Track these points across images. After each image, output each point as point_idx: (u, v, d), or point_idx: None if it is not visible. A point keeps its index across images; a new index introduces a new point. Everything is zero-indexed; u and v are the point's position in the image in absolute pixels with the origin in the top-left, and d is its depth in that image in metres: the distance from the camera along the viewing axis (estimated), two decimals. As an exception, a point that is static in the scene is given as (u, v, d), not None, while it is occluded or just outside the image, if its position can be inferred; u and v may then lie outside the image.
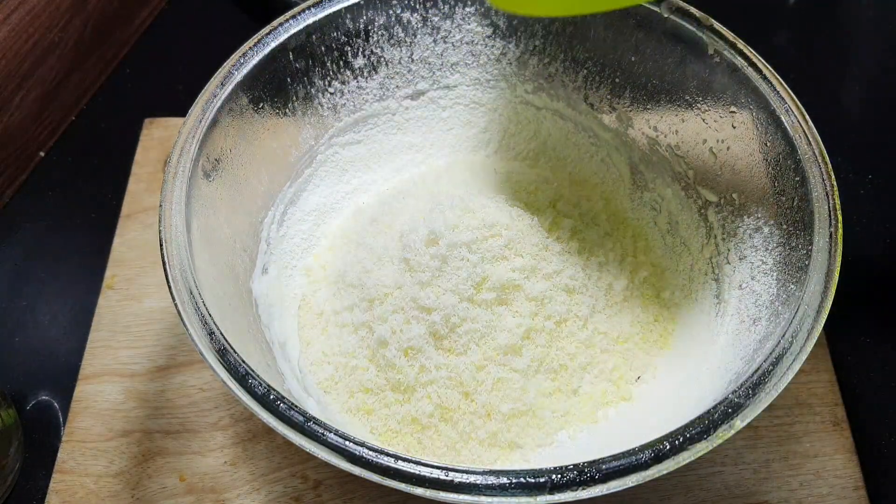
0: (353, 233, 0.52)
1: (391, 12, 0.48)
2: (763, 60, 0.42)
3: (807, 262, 0.36)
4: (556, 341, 0.45)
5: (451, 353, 0.44)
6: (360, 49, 0.49)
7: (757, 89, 0.41)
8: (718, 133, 0.45)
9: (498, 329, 0.44)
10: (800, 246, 0.38)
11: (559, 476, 0.30)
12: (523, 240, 0.45)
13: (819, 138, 0.39)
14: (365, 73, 0.50)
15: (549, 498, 0.30)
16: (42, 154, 0.64)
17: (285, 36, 0.45)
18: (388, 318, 0.44)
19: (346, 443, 0.31)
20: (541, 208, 0.51)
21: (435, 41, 0.50)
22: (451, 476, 0.30)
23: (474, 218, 0.45)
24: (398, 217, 0.50)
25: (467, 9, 0.49)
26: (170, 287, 0.36)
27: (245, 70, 0.43)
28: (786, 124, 0.40)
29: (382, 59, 0.50)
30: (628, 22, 0.46)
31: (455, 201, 0.46)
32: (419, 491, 0.30)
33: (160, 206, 0.38)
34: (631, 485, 0.30)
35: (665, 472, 0.30)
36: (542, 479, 0.30)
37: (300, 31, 0.45)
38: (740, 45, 0.42)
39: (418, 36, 0.50)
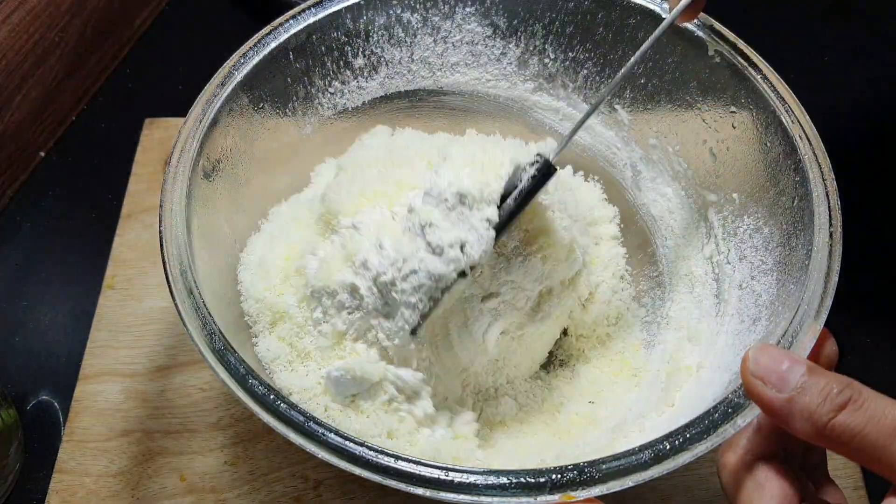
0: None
1: (391, 12, 0.48)
2: (763, 60, 0.42)
3: (807, 262, 0.36)
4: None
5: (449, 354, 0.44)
6: (361, 49, 0.49)
7: (757, 89, 0.41)
8: (718, 133, 0.45)
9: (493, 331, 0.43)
10: (800, 246, 0.38)
11: (559, 476, 0.30)
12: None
13: (819, 138, 0.39)
14: (365, 73, 0.50)
15: (549, 498, 0.30)
16: (42, 154, 0.64)
17: (285, 36, 0.45)
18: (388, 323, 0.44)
19: (346, 443, 0.31)
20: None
21: (435, 41, 0.50)
22: (451, 476, 0.30)
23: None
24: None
25: (468, 9, 0.49)
26: (170, 287, 0.36)
27: (245, 70, 0.43)
28: (786, 124, 0.40)
29: (382, 59, 0.50)
30: (628, 22, 0.46)
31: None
32: (419, 491, 0.30)
33: (160, 205, 0.38)
34: (631, 485, 0.30)
35: (665, 472, 0.30)
36: (542, 479, 0.30)
37: (300, 31, 0.45)
38: (740, 45, 0.42)
39: (418, 36, 0.50)
